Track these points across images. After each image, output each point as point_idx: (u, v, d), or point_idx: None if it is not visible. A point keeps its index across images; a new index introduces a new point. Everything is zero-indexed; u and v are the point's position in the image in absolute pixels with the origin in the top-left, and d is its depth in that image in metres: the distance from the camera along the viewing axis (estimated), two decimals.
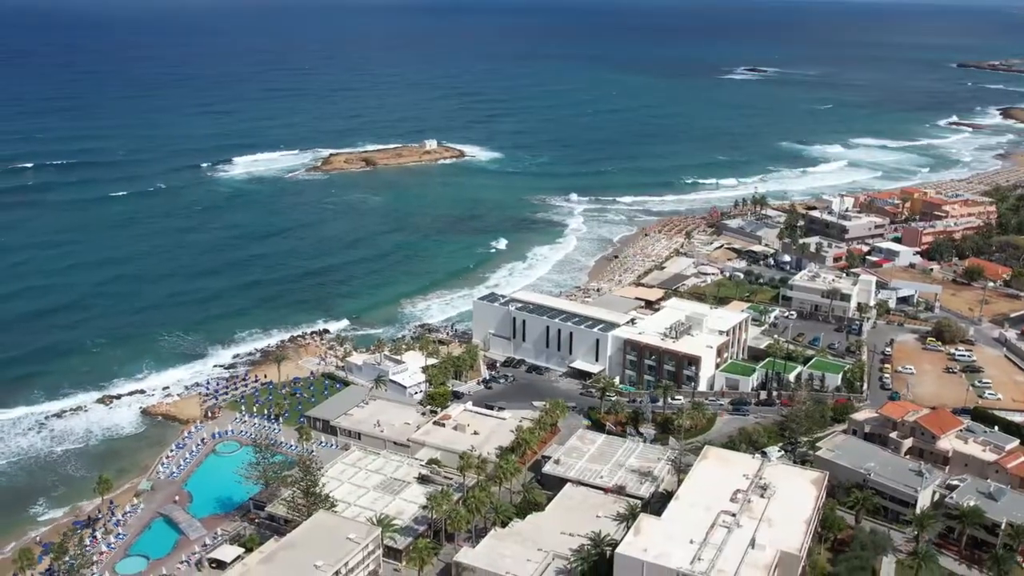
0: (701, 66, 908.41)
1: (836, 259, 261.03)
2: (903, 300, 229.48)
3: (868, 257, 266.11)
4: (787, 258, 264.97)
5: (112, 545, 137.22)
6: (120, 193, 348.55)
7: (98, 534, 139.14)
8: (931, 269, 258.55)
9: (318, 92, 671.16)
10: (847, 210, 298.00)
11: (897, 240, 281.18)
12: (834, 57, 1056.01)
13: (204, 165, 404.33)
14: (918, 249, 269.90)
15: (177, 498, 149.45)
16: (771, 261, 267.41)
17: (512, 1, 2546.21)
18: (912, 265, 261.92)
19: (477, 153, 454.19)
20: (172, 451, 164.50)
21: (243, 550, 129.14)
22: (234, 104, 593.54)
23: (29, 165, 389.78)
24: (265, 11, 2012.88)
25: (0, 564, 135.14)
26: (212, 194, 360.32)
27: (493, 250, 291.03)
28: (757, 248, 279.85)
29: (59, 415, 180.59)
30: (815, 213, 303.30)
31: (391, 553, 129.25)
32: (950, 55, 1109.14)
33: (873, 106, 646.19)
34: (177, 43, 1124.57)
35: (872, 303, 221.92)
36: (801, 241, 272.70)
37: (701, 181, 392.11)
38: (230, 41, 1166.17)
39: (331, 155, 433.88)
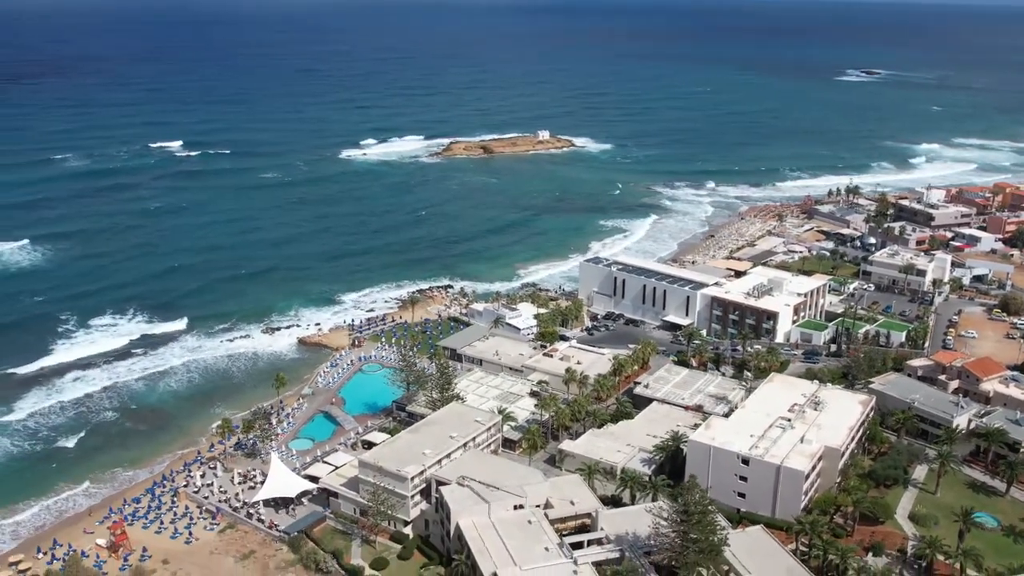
0: (817, 67, 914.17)
1: (919, 243, 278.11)
2: (977, 279, 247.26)
3: (951, 242, 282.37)
4: (872, 240, 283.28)
5: (285, 430, 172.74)
6: (271, 175, 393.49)
7: (273, 422, 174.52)
8: (1012, 255, 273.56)
9: (445, 89, 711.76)
10: (938, 201, 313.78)
11: (982, 229, 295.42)
12: (951, 60, 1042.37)
13: (341, 152, 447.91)
14: (1000, 236, 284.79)
15: (333, 400, 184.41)
16: (857, 243, 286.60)
17: (641, 3, 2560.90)
18: (993, 251, 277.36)
19: (588, 144, 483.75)
20: (327, 368, 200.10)
21: (389, 436, 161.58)
22: (366, 97, 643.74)
23: (195, 153, 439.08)
24: (392, 10, 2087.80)
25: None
26: (348, 175, 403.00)
27: (598, 227, 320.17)
28: (845, 231, 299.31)
29: (232, 341, 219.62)
30: (904, 202, 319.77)
31: (507, 443, 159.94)
32: None
33: (986, 108, 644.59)
34: (308, 40, 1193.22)
35: (946, 279, 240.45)
36: (886, 225, 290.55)
37: (803, 176, 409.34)
38: (360, 39, 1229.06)
39: (451, 143, 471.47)
